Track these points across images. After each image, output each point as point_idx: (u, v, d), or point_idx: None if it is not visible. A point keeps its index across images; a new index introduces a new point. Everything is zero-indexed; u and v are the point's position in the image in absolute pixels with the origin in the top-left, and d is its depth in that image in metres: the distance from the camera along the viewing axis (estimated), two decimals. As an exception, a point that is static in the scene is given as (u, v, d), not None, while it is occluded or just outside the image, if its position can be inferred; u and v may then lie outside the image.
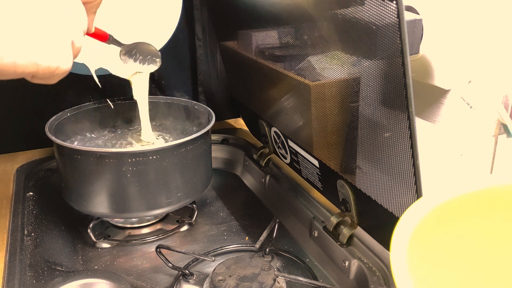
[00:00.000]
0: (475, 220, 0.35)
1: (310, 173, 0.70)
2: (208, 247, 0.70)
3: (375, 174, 0.53)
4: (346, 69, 0.52)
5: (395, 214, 0.51)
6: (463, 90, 0.57)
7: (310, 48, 0.59)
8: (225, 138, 0.98)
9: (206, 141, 0.73)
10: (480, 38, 0.54)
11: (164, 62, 0.71)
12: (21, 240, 0.63)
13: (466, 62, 0.56)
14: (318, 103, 0.60)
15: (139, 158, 0.65)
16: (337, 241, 0.63)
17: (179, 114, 0.85)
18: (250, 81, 0.80)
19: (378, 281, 0.56)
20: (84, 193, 0.68)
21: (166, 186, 0.68)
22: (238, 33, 0.77)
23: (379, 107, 0.48)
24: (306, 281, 0.59)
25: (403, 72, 0.41)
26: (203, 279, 0.60)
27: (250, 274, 0.58)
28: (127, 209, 0.68)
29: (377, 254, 0.59)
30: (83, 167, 0.66)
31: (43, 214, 0.73)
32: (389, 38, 0.41)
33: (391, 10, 0.40)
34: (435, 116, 0.61)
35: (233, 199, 0.86)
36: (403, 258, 0.29)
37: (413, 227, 0.31)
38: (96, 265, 0.67)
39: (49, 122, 0.73)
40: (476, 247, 0.36)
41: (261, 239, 0.68)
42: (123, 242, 0.72)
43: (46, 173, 0.84)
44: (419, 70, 0.60)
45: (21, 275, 0.57)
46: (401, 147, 0.46)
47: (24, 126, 0.94)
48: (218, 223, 0.78)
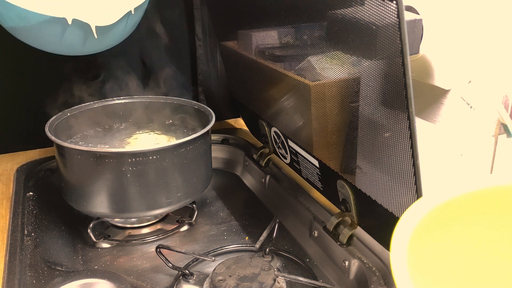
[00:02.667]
0: (475, 220, 0.35)
1: (310, 173, 0.70)
2: (208, 247, 0.70)
3: (375, 174, 0.53)
4: (346, 69, 0.52)
5: (395, 214, 0.51)
6: (463, 90, 0.57)
7: (310, 48, 0.59)
8: (225, 138, 0.98)
9: (206, 141, 0.73)
10: (480, 38, 0.54)
11: (164, 62, 0.71)
12: (21, 240, 0.63)
13: (466, 62, 0.56)
14: (318, 103, 0.60)
15: (139, 158, 0.65)
16: (337, 241, 0.63)
17: (179, 114, 0.85)
18: (250, 81, 0.80)
19: (378, 281, 0.56)
20: (84, 193, 0.68)
21: (166, 186, 0.68)
22: (238, 33, 0.77)
23: (379, 107, 0.48)
24: (306, 281, 0.59)
25: (403, 72, 0.41)
26: (203, 279, 0.60)
27: (250, 274, 0.58)
28: (127, 209, 0.68)
29: (377, 254, 0.59)
30: (83, 167, 0.66)
31: (43, 214, 0.73)
32: (389, 38, 0.41)
33: (391, 10, 0.40)
34: (435, 116, 0.61)
35: (233, 199, 0.86)
36: (403, 258, 0.29)
37: (413, 227, 0.32)
38: (96, 265, 0.67)
39: (49, 122, 0.73)
40: (476, 247, 0.36)
41: (261, 239, 0.68)
42: (123, 242, 0.72)
43: (46, 173, 0.84)
44: (419, 70, 0.60)
45: (21, 275, 0.57)
46: (401, 147, 0.46)
47: (24, 126, 0.94)
48: (218, 223, 0.78)
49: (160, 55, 1.02)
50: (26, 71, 0.86)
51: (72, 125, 0.79)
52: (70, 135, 0.79)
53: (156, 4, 0.69)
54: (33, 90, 0.92)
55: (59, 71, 0.87)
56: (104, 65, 0.90)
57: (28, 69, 0.69)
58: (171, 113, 0.86)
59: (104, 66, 0.90)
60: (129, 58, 0.98)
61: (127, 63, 0.99)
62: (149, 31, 0.98)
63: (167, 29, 1.01)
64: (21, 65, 0.67)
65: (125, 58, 0.91)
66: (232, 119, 1.08)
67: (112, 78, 0.99)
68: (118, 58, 0.74)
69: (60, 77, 0.79)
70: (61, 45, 0.67)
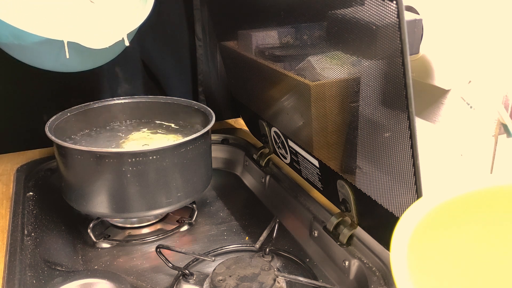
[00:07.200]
0: (475, 220, 0.35)
1: (310, 173, 0.70)
2: (208, 247, 0.70)
3: (375, 174, 0.53)
4: (346, 69, 0.52)
5: (395, 214, 0.51)
6: (463, 90, 0.57)
7: (310, 48, 0.59)
8: (225, 138, 0.98)
9: (206, 141, 0.73)
10: (480, 38, 0.54)
11: (164, 62, 0.71)
12: (21, 240, 0.63)
13: (466, 62, 0.55)
14: (318, 103, 0.60)
15: (139, 158, 0.65)
16: (337, 241, 0.63)
17: (179, 114, 0.85)
18: (250, 81, 0.80)
19: (378, 281, 0.56)
20: (84, 193, 0.68)
21: (166, 186, 0.68)
22: (238, 33, 0.77)
23: (379, 107, 0.48)
24: (306, 281, 0.59)
25: (403, 72, 0.41)
26: (203, 279, 0.60)
27: (250, 274, 0.58)
28: (127, 209, 0.68)
29: (377, 254, 0.59)
30: (83, 167, 0.66)
31: (43, 214, 0.73)
32: (389, 38, 0.41)
33: (391, 10, 0.40)
34: (435, 116, 0.61)
35: (233, 199, 0.86)
36: (403, 258, 0.29)
37: (413, 227, 0.31)
38: (96, 265, 0.67)
39: (49, 122, 0.73)
40: (476, 247, 0.36)
41: (261, 239, 0.68)
42: (123, 242, 0.72)
43: (46, 173, 0.84)
44: (419, 70, 0.60)
45: (21, 275, 0.57)
46: (401, 147, 0.46)
47: (24, 126, 0.94)
48: (218, 223, 0.78)
49: (160, 55, 1.03)
50: (26, 71, 0.86)
51: (72, 125, 0.79)
52: (70, 135, 0.79)
53: (156, 4, 0.69)
54: (33, 90, 0.92)
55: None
56: (104, 65, 0.90)
57: (28, 69, 0.69)
58: (171, 113, 0.86)
59: (104, 66, 0.90)
60: (129, 58, 0.98)
61: (127, 63, 0.99)
62: (149, 31, 0.98)
63: (167, 29, 1.01)
64: (21, 65, 0.67)
65: (125, 58, 0.91)
66: (232, 119, 1.08)
67: (112, 78, 0.99)
68: (118, 58, 0.75)
69: (60, 77, 0.79)
70: (56, 64, 0.67)
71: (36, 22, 0.69)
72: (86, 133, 0.82)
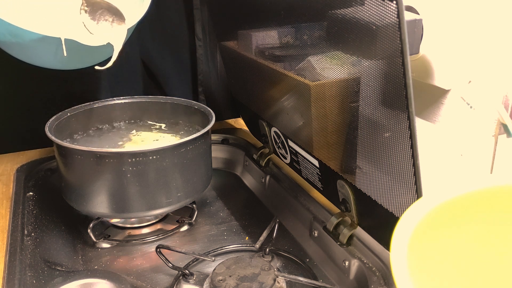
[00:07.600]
0: (475, 220, 0.35)
1: (310, 173, 0.70)
2: (208, 247, 0.70)
3: (375, 174, 0.53)
4: (346, 69, 0.52)
5: (395, 214, 0.51)
6: (463, 90, 0.57)
7: (310, 48, 0.59)
8: (225, 138, 0.98)
9: (206, 141, 0.73)
10: (480, 38, 0.54)
11: (164, 62, 0.71)
12: (21, 240, 0.63)
13: (466, 62, 0.55)
14: (318, 103, 0.60)
15: (139, 158, 0.65)
16: (337, 241, 0.63)
17: (179, 114, 0.85)
18: (250, 81, 0.80)
19: (378, 281, 0.56)
20: (84, 193, 0.68)
21: (166, 186, 0.68)
22: (238, 33, 0.77)
23: (379, 107, 0.48)
24: (306, 281, 0.59)
25: (403, 72, 0.41)
26: (203, 279, 0.60)
27: (250, 274, 0.58)
28: (127, 209, 0.68)
29: (377, 254, 0.59)
30: (83, 167, 0.66)
31: (43, 214, 0.73)
32: (389, 38, 0.41)
33: (391, 10, 0.40)
34: (435, 116, 0.61)
35: (233, 199, 0.86)
36: (403, 258, 0.29)
37: (413, 227, 0.31)
38: (96, 265, 0.67)
39: (49, 122, 0.73)
40: (476, 247, 0.36)
41: (261, 239, 0.68)
42: (123, 242, 0.72)
43: (46, 173, 0.84)
44: (419, 70, 0.60)
45: (21, 275, 0.57)
46: (401, 147, 0.46)
47: (24, 126, 0.94)
48: (218, 223, 0.78)
49: (160, 55, 1.02)
50: (26, 71, 0.86)
51: (72, 125, 0.79)
52: (70, 135, 0.79)
53: (156, 4, 0.69)
54: (33, 90, 0.92)
55: (59, 70, 0.87)
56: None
57: (28, 69, 0.69)
58: (171, 113, 0.86)
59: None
60: (129, 58, 0.98)
61: (127, 63, 0.99)
62: (149, 31, 0.98)
63: (167, 29, 1.01)
64: (21, 65, 0.67)
65: (125, 58, 0.91)
66: (232, 119, 1.08)
67: (112, 78, 0.99)
68: (118, 58, 0.74)
69: (60, 76, 0.79)
70: (54, 61, 0.67)
71: (33, 20, 0.69)
72: (86, 133, 0.82)
